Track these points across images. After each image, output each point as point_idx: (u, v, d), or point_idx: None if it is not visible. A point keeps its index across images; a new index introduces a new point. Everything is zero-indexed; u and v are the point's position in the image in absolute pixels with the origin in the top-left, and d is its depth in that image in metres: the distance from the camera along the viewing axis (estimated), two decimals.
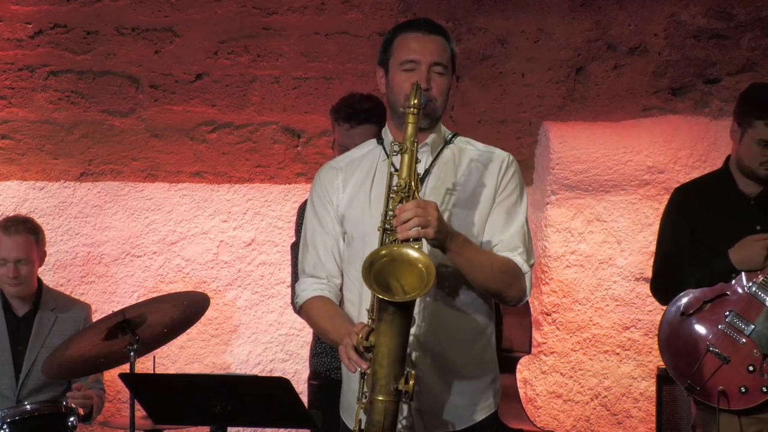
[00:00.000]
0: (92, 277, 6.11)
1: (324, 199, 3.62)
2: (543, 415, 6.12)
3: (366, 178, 3.58)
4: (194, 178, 6.17)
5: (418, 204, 3.27)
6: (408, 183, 3.31)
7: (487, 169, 3.56)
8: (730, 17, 6.20)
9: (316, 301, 3.61)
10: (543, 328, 6.10)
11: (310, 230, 3.65)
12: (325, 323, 3.56)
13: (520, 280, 3.53)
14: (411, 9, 6.17)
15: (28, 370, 5.26)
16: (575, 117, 6.22)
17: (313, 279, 3.64)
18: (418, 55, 3.49)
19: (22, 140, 6.10)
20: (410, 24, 3.59)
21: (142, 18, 6.11)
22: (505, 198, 3.56)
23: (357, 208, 3.56)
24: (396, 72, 3.50)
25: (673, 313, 4.64)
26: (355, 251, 3.54)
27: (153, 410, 4.27)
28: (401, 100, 3.46)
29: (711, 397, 4.53)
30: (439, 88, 3.50)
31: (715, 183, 4.80)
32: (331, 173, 3.65)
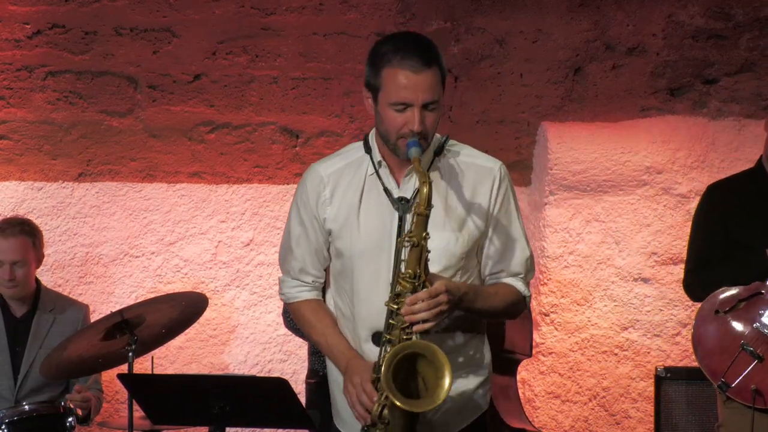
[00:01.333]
0: (90, 277, 6.11)
1: (309, 209, 3.57)
2: (541, 415, 6.12)
3: (354, 194, 3.51)
4: (192, 178, 6.17)
5: (430, 294, 3.28)
6: (417, 273, 3.31)
7: (479, 186, 3.50)
8: (729, 17, 6.20)
9: (306, 306, 3.63)
10: (541, 329, 6.10)
11: (294, 235, 3.61)
12: (318, 337, 3.59)
13: (521, 304, 3.59)
14: (409, 9, 6.16)
15: (27, 371, 5.25)
16: (573, 117, 6.22)
17: (298, 281, 3.63)
18: (410, 97, 3.35)
19: (20, 140, 6.10)
20: (400, 54, 3.37)
21: (140, 18, 6.11)
22: (500, 220, 3.52)
23: (345, 227, 3.51)
24: (386, 109, 3.39)
25: (708, 311, 4.64)
26: (345, 268, 3.53)
27: (151, 411, 4.27)
28: (393, 137, 3.40)
29: (744, 396, 4.53)
30: (431, 122, 3.39)
31: (748, 181, 4.81)
32: (317, 183, 3.57)
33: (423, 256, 3.30)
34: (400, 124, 3.37)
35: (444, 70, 3.42)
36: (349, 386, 3.41)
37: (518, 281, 3.56)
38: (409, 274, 3.31)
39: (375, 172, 3.49)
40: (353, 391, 3.39)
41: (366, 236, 3.46)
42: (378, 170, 3.49)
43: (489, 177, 3.51)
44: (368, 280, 3.45)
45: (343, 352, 3.50)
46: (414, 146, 3.34)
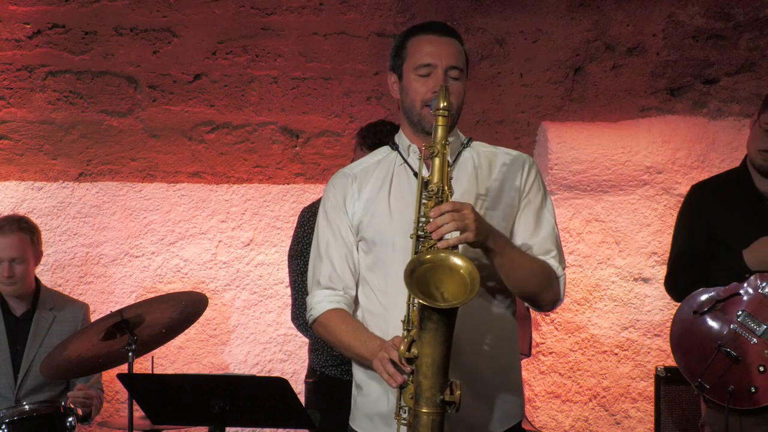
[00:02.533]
0: (90, 277, 6.11)
1: (338, 208, 3.50)
2: (542, 415, 6.12)
3: (383, 184, 3.47)
4: (192, 178, 6.17)
5: (454, 207, 3.16)
6: (441, 187, 3.20)
7: (510, 170, 3.47)
8: (729, 17, 6.20)
9: (335, 315, 3.48)
10: (541, 329, 6.10)
11: (323, 240, 3.53)
12: (349, 338, 3.42)
13: (556, 284, 3.47)
14: (409, 9, 6.17)
15: (27, 370, 5.26)
16: (573, 117, 6.22)
17: (329, 291, 3.50)
18: (434, 59, 3.38)
19: (20, 140, 6.10)
20: (423, 26, 3.47)
21: (140, 18, 6.12)
22: (531, 200, 3.47)
23: (376, 215, 3.44)
24: (411, 77, 3.40)
25: (686, 312, 4.64)
26: (378, 258, 3.43)
27: (151, 410, 4.27)
28: (418, 107, 3.39)
29: (721, 396, 4.54)
30: (455, 93, 3.37)
31: (732, 181, 4.80)
32: (344, 180, 3.53)
33: (445, 168, 3.21)
34: (425, 90, 3.36)
35: (466, 50, 3.46)
36: (381, 352, 3.24)
37: (551, 259, 3.46)
38: (432, 190, 3.20)
39: (404, 162, 3.46)
40: (384, 355, 3.21)
41: (398, 219, 3.38)
42: (406, 159, 3.45)
43: (519, 161, 3.50)
44: (401, 268, 3.23)
45: (375, 340, 3.33)
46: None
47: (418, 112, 3.39)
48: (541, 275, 3.41)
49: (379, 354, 3.24)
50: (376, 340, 3.35)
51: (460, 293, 3.07)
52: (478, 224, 3.17)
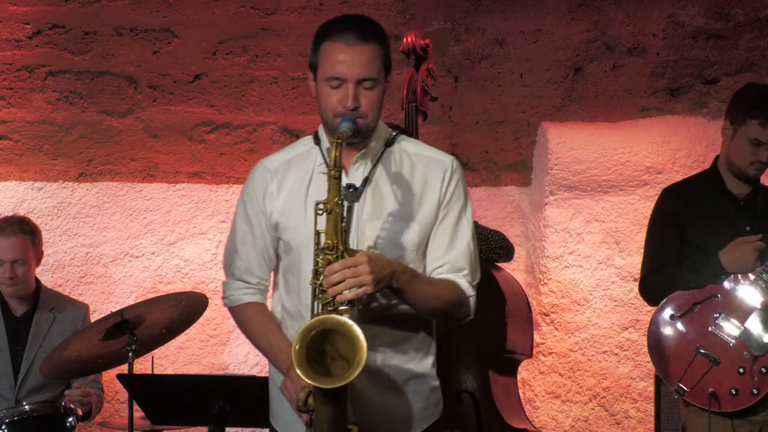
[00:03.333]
0: (90, 277, 6.11)
1: (256, 203, 3.48)
2: (541, 415, 6.12)
3: (302, 185, 3.42)
4: (193, 178, 6.17)
5: (346, 265, 3.12)
6: (335, 244, 3.16)
7: (431, 177, 3.39)
8: (729, 17, 6.20)
9: (250, 310, 3.50)
10: (541, 329, 6.09)
11: (240, 234, 3.51)
12: (261, 341, 3.47)
13: (465, 305, 3.41)
14: (409, 9, 6.16)
15: (27, 371, 5.25)
16: (573, 117, 6.22)
17: (243, 283, 3.51)
18: (344, 71, 3.27)
19: (20, 141, 6.10)
20: (338, 28, 3.33)
21: (140, 18, 6.11)
22: (449, 212, 3.40)
23: (292, 217, 3.40)
24: (322, 86, 3.31)
25: (663, 315, 4.63)
26: (293, 261, 3.41)
27: (151, 411, 4.28)
28: (330, 116, 3.31)
29: (701, 399, 4.52)
30: (369, 102, 3.28)
31: (704, 183, 4.78)
32: (264, 176, 3.47)
33: (339, 224, 3.17)
34: (336, 102, 3.29)
35: (387, 50, 3.34)
36: (288, 382, 3.27)
37: (462, 278, 3.40)
38: (327, 245, 3.17)
39: (324, 162, 3.38)
40: (291, 387, 3.25)
41: (312, 229, 3.30)
42: (326, 158, 3.35)
43: (441, 169, 3.41)
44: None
45: (286, 352, 3.29)
46: (346, 121, 3.24)
47: (330, 121, 3.33)
48: (449, 301, 3.38)
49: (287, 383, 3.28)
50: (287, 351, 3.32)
51: (350, 360, 3.10)
52: (375, 276, 3.14)
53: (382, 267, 3.18)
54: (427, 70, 5.17)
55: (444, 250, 3.40)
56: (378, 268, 3.16)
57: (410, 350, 3.41)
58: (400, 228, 3.35)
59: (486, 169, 6.25)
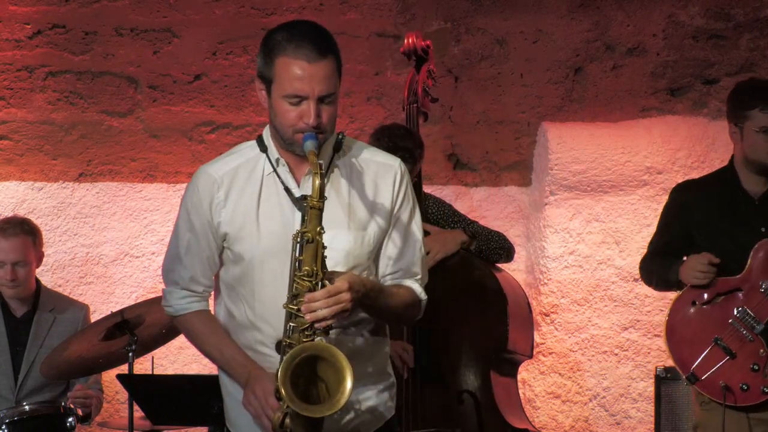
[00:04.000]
0: (91, 277, 6.11)
1: (201, 212, 3.39)
2: (542, 415, 6.12)
3: (252, 195, 3.35)
4: None
5: (329, 293, 3.13)
6: (315, 271, 3.15)
7: (381, 183, 3.37)
8: (729, 18, 6.20)
9: (196, 318, 3.44)
10: (541, 329, 6.09)
11: (183, 241, 3.42)
12: (212, 349, 3.40)
13: (417, 307, 3.44)
14: (409, 9, 6.16)
15: (27, 371, 5.26)
16: (574, 117, 6.22)
17: (187, 292, 3.44)
18: (305, 89, 3.20)
19: (20, 141, 6.10)
20: (294, 42, 3.22)
21: (140, 18, 6.11)
22: (400, 216, 3.39)
23: (244, 230, 3.34)
24: (280, 102, 3.24)
25: (685, 301, 4.63)
26: (246, 273, 3.35)
27: (151, 411, 4.28)
28: (288, 132, 3.25)
29: (711, 390, 4.53)
30: (328, 116, 3.24)
31: (719, 181, 4.78)
32: (210, 185, 3.39)
33: (319, 252, 3.15)
34: (295, 119, 3.23)
35: (340, 60, 3.29)
36: (251, 398, 3.23)
37: (415, 283, 3.41)
38: (306, 272, 3.15)
39: (273, 171, 3.34)
40: (256, 404, 3.21)
41: (267, 238, 3.29)
42: (276, 169, 3.34)
43: (390, 174, 3.38)
44: (271, 284, 3.27)
45: (242, 364, 3.30)
46: (310, 139, 3.19)
47: (289, 137, 3.27)
48: (406, 308, 3.41)
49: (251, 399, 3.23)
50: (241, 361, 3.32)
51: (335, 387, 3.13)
52: (354, 302, 3.16)
53: (358, 289, 3.20)
54: (428, 71, 5.19)
55: (397, 255, 3.41)
56: (355, 293, 3.18)
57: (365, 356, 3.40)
58: (355, 237, 3.34)
59: (486, 169, 6.25)
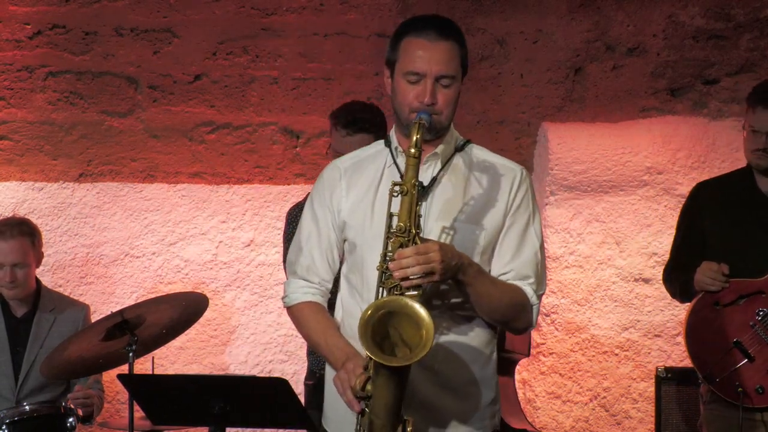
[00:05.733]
0: (91, 277, 6.11)
1: (324, 202, 3.46)
2: (542, 415, 6.12)
3: (371, 185, 3.41)
4: (193, 178, 6.17)
5: (418, 251, 3.11)
6: (408, 227, 3.14)
7: (499, 184, 3.39)
8: (729, 18, 6.20)
9: (308, 308, 3.49)
10: (542, 329, 6.10)
11: (306, 231, 3.50)
12: (318, 337, 3.43)
13: (528, 313, 3.39)
14: (410, 9, 6.17)
15: (27, 371, 5.26)
16: (574, 118, 6.22)
17: (304, 282, 3.50)
18: (424, 67, 3.29)
19: (20, 141, 6.10)
20: (419, 25, 3.35)
21: (140, 19, 6.12)
22: (517, 220, 3.40)
23: (359, 216, 3.40)
24: (400, 81, 3.33)
25: (706, 302, 4.64)
26: (357, 260, 3.40)
27: (151, 411, 4.27)
28: (405, 111, 3.32)
29: (727, 392, 4.54)
30: (445, 99, 3.32)
31: (734, 181, 4.80)
32: (334, 174, 3.47)
33: (413, 207, 3.16)
34: (412, 97, 3.30)
35: (465, 50, 3.36)
36: (342, 373, 3.24)
37: (527, 286, 3.39)
38: (399, 228, 3.15)
39: (393, 163, 3.40)
40: (344, 377, 3.22)
41: (379, 225, 3.31)
42: (395, 159, 3.39)
43: (510, 175, 3.42)
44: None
45: (342, 349, 3.33)
46: (423, 113, 3.25)
47: (405, 117, 3.33)
48: (513, 305, 3.36)
49: (341, 374, 3.25)
50: (343, 347, 3.34)
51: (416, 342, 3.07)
52: (444, 265, 3.14)
53: (451, 257, 3.17)
54: None
55: (510, 257, 3.40)
56: (447, 258, 3.15)
57: (471, 353, 3.39)
58: (466, 231, 3.34)
59: None
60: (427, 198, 3.32)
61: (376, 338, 3.08)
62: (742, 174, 4.79)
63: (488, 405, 3.43)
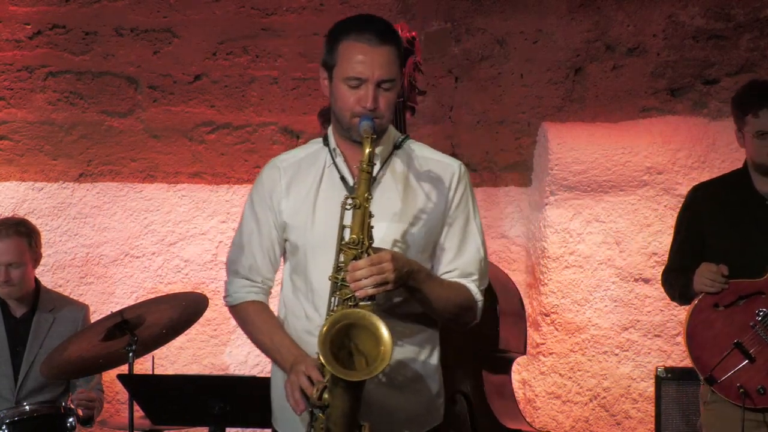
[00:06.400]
0: (91, 277, 6.11)
1: (264, 202, 3.44)
2: (542, 415, 6.12)
3: (311, 186, 3.40)
4: (193, 178, 6.17)
5: (372, 262, 3.14)
6: (360, 239, 3.17)
7: (438, 181, 3.39)
8: (729, 18, 6.20)
9: (252, 308, 3.51)
10: (542, 329, 6.09)
11: (247, 231, 3.48)
12: (264, 337, 3.46)
13: (473, 310, 3.44)
14: (410, 10, 6.17)
15: (27, 371, 5.25)
16: (574, 118, 6.22)
17: (247, 281, 3.51)
18: (366, 72, 3.27)
19: (20, 141, 6.10)
20: (358, 28, 3.33)
21: (140, 19, 6.12)
22: (458, 217, 3.41)
23: (301, 219, 3.39)
24: (340, 85, 3.30)
25: (706, 303, 4.63)
26: (299, 263, 3.41)
27: (151, 411, 4.28)
28: (347, 116, 3.30)
29: (728, 392, 4.54)
30: (386, 103, 3.30)
31: (732, 182, 4.80)
32: (274, 174, 3.44)
33: (366, 220, 3.18)
34: (353, 102, 3.29)
35: (402, 52, 3.37)
36: (292, 376, 3.24)
37: (471, 283, 3.42)
38: (352, 240, 3.17)
39: (333, 163, 3.39)
40: (294, 380, 3.22)
41: (321, 228, 3.33)
42: (335, 159, 3.38)
43: (448, 173, 3.41)
44: (324, 273, 3.28)
45: (290, 350, 3.35)
46: (366, 120, 3.25)
47: (347, 122, 3.32)
48: (459, 305, 3.40)
49: (291, 376, 3.26)
50: (290, 348, 3.36)
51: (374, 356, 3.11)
52: (397, 274, 3.17)
53: (402, 265, 3.21)
54: (414, 63, 5.04)
55: (453, 256, 3.42)
56: (400, 266, 3.19)
57: (416, 349, 3.42)
58: (406, 229, 3.35)
59: (486, 170, 6.25)
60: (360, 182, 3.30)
61: (333, 348, 3.11)
62: (739, 175, 4.78)
63: (434, 397, 3.47)
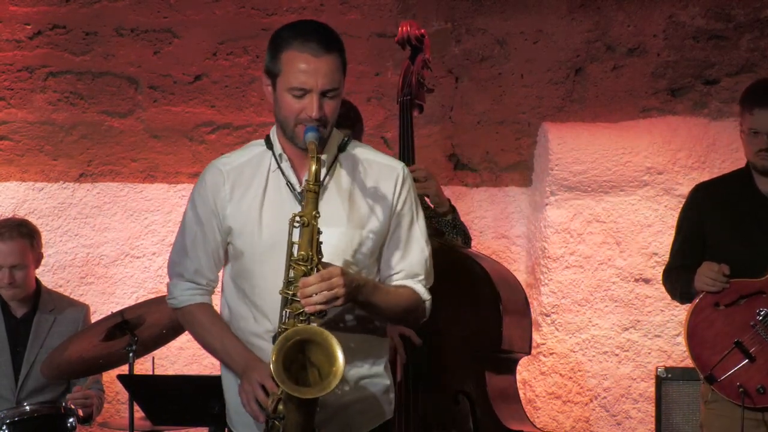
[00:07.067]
0: (91, 278, 6.11)
1: (207, 205, 3.45)
2: (542, 416, 6.12)
3: (257, 192, 3.41)
4: (193, 178, 6.16)
5: (322, 277, 3.18)
6: (310, 255, 3.21)
7: (383, 184, 3.42)
8: (729, 18, 6.20)
9: (199, 310, 3.52)
10: (542, 329, 6.10)
11: (190, 234, 3.50)
12: (213, 339, 3.46)
13: (421, 309, 3.50)
14: (410, 10, 6.17)
15: (27, 372, 5.26)
16: (574, 118, 6.22)
17: (192, 284, 3.53)
18: (310, 82, 3.31)
19: (21, 141, 6.10)
20: (301, 37, 3.34)
21: (141, 19, 6.12)
22: (401, 220, 3.45)
23: (247, 224, 3.40)
24: (284, 95, 3.33)
25: (707, 302, 4.63)
26: (244, 268, 3.42)
27: (151, 411, 4.28)
28: (291, 124, 3.33)
29: (728, 391, 4.55)
30: (331, 110, 3.34)
31: (734, 181, 4.80)
32: (217, 178, 3.44)
33: (314, 237, 3.21)
34: (298, 111, 3.31)
35: (345, 59, 3.42)
36: (246, 384, 3.29)
37: (417, 284, 3.47)
38: (301, 256, 3.21)
39: (278, 167, 3.41)
40: (249, 389, 3.26)
41: (268, 233, 3.36)
42: (280, 164, 3.41)
43: (392, 175, 3.45)
44: (271, 279, 3.31)
45: (241, 354, 3.37)
46: (311, 131, 3.28)
47: (291, 129, 3.35)
48: (407, 308, 3.46)
49: (245, 385, 3.29)
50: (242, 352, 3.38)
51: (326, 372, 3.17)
52: (347, 289, 3.21)
53: (352, 280, 3.25)
54: (424, 61, 5.00)
55: (399, 257, 3.47)
56: (349, 281, 3.23)
57: (364, 353, 3.45)
58: (354, 235, 3.39)
59: (486, 170, 6.25)
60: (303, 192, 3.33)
61: (286, 362, 3.15)
62: (740, 174, 4.79)
63: (383, 393, 3.51)
